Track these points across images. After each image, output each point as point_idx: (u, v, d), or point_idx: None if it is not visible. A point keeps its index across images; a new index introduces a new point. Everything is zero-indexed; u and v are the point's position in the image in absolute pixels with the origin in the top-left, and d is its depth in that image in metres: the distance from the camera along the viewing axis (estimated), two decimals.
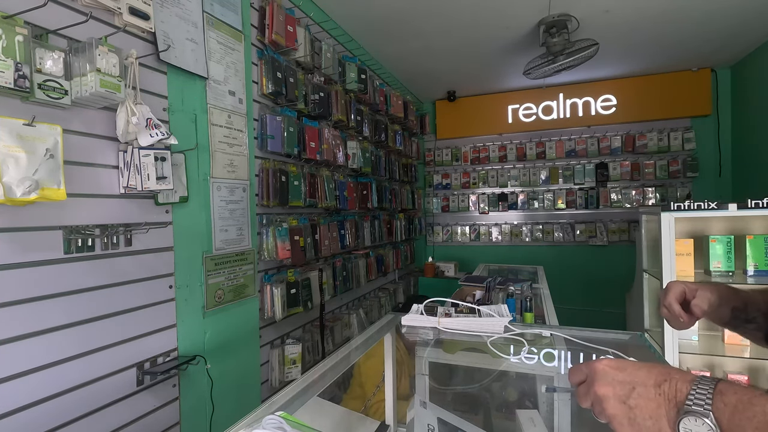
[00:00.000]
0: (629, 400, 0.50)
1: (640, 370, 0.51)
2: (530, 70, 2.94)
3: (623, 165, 4.03)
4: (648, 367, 0.52)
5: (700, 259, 2.06)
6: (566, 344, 0.98)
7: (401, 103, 3.62)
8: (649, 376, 0.50)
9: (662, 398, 0.49)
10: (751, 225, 2.04)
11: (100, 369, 1.24)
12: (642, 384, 0.50)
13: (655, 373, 0.50)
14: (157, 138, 1.26)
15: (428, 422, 0.89)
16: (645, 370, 0.51)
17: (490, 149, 4.47)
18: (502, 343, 1.00)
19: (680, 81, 3.86)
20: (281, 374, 2.04)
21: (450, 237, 4.65)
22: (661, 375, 0.50)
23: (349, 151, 2.66)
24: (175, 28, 1.49)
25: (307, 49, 2.22)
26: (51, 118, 1.09)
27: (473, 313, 1.11)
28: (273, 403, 0.64)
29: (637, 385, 0.50)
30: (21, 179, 0.95)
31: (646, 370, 0.51)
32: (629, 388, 0.50)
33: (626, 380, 0.51)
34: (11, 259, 1.03)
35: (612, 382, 0.51)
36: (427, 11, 2.60)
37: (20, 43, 0.96)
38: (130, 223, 1.32)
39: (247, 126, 1.86)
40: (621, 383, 0.51)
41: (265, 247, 1.96)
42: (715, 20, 2.80)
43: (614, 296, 3.89)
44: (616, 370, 0.52)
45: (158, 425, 1.42)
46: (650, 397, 0.49)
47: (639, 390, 0.50)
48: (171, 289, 1.48)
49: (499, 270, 3.19)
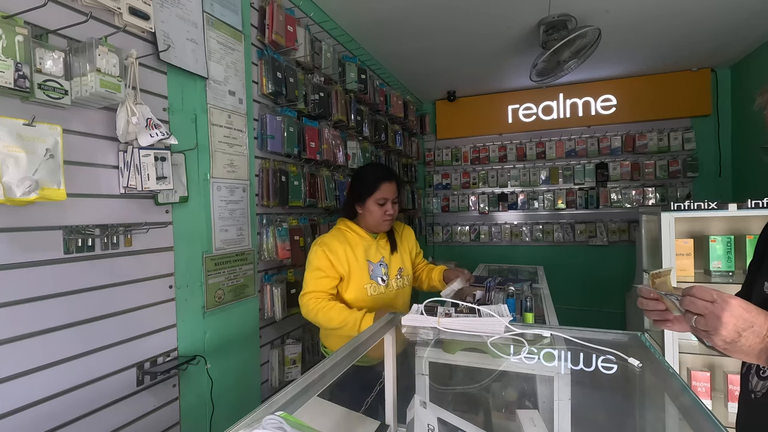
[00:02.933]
0: (744, 332, 0.68)
1: (759, 316, 0.69)
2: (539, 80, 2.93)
3: (623, 165, 4.03)
4: (765, 315, 0.70)
5: (700, 259, 2.06)
6: (566, 344, 0.98)
7: (401, 103, 3.62)
8: (765, 322, 0.69)
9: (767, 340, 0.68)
10: (751, 225, 2.04)
11: (100, 369, 1.24)
12: (759, 325, 0.68)
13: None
14: (157, 138, 1.26)
15: (428, 422, 0.89)
16: (764, 317, 0.69)
17: (490, 149, 4.47)
18: (502, 343, 1.00)
19: (680, 81, 3.85)
20: (281, 374, 2.04)
21: (450, 237, 4.65)
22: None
23: (349, 151, 2.66)
24: (175, 28, 1.49)
25: (307, 49, 2.22)
26: (51, 118, 1.09)
27: (473, 313, 1.11)
28: (273, 403, 0.64)
29: (755, 325, 0.68)
30: (21, 179, 0.95)
31: (764, 317, 0.69)
32: (749, 324, 0.68)
33: (749, 319, 0.69)
34: (11, 259, 1.03)
35: (737, 315, 0.68)
36: (427, 11, 2.60)
37: (20, 43, 0.96)
38: (130, 223, 1.32)
39: (247, 126, 1.86)
40: (744, 319, 0.69)
41: (265, 247, 1.96)
42: (715, 20, 2.80)
43: (614, 296, 3.90)
44: (744, 310, 0.69)
45: (158, 425, 1.42)
46: (760, 336, 0.68)
47: (755, 329, 0.68)
48: (171, 289, 1.48)
49: (499, 270, 3.19)
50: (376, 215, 1.62)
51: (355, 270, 1.58)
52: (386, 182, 1.63)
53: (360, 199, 1.64)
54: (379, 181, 1.62)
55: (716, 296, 0.71)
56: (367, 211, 1.63)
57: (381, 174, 1.65)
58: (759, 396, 0.83)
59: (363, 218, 1.66)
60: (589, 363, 0.91)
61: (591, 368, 0.90)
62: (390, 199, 1.63)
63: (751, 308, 0.69)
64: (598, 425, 0.93)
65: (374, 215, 1.62)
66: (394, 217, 1.67)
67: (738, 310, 0.68)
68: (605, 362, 0.89)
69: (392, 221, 1.68)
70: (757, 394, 0.83)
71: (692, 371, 1.98)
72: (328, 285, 1.56)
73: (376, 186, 1.61)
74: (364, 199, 1.62)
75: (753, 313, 0.69)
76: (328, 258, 1.56)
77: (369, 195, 1.61)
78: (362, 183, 1.65)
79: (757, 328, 0.68)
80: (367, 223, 1.65)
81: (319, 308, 1.50)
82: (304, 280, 1.59)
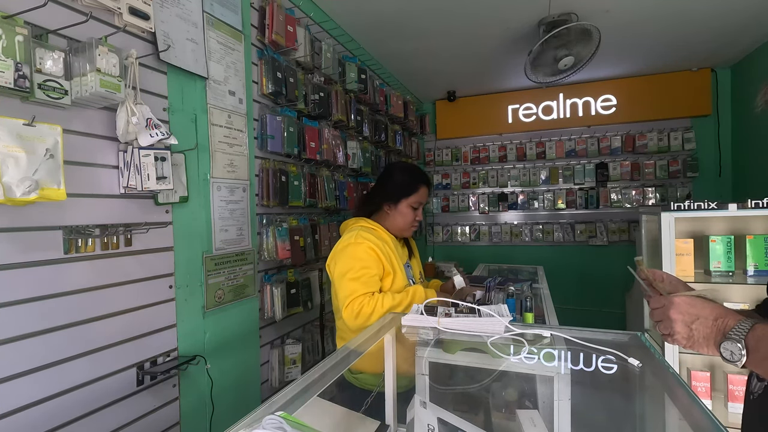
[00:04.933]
0: (692, 325, 0.72)
1: (705, 308, 0.72)
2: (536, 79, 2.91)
3: (623, 165, 4.03)
4: (711, 306, 0.72)
5: (700, 259, 2.06)
6: (566, 344, 0.98)
7: (401, 103, 3.62)
8: (711, 313, 0.71)
9: (715, 328, 0.70)
10: (751, 225, 2.04)
11: (100, 369, 1.24)
12: (704, 317, 0.71)
13: (715, 312, 0.71)
14: (157, 138, 1.26)
15: (428, 422, 0.89)
16: (709, 308, 0.72)
17: (490, 149, 4.47)
18: (502, 343, 1.00)
19: (680, 81, 3.85)
20: (281, 374, 2.04)
21: (450, 237, 4.65)
22: (719, 313, 0.71)
23: (349, 151, 2.66)
24: (175, 28, 1.49)
25: (307, 49, 2.22)
26: (51, 118, 1.09)
27: (473, 313, 1.11)
28: (273, 403, 0.64)
29: (700, 317, 0.71)
30: (21, 179, 0.95)
31: (710, 308, 0.72)
32: (694, 317, 0.72)
33: (693, 312, 0.72)
34: (11, 259, 1.03)
35: (683, 311, 0.73)
36: (427, 11, 2.60)
37: (20, 43, 0.96)
38: (130, 223, 1.32)
39: (247, 126, 1.86)
40: (689, 313, 0.72)
41: (265, 247, 1.96)
42: (715, 20, 2.80)
43: (614, 296, 3.90)
44: (688, 305, 0.73)
45: (158, 425, 1.42)
46: (707, 326, 0.70)
47: (701, 320, 0.71)
48: (171, 289, 1.48)
49: (499, 270, 3.19)
50: (408, 219, 1.54)
51: (397, 268, 1.48)
52: (424, 186, 1.55)
53: (393, 198, 1.54)
54: (418, 183, 1.54)
55: (665, 300, 0.77)
56: (398, 213, 1.54)
57: (420, 176, 1.57)
58: (755, 396, 0.85)
59: (388, 219, 1.56)
60: (589, 363, 0.91)
61: (591, 368, 0.90)
62: (423, 203, 1.56)
63: (696, 302, 0.73)
64: (598, 425, 0.93)
65: (406, 218, 1.54)
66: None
67: (683, 306, 0.73)
68: (605, 362, 0.89)
69: (417, 227, 1.60)
70: (755, 394, 0.85)
71: (692, 371, 1.98)
72: (377, 285, 1.39)
73: (414, 188, 1.53)
74: (397, 200, 1.53)
75: (698, 307, 0.73)
76: (376, 253, 1.41)
77: (405, 196, 1.53)
78: (398, 183, 1.55)
79: (702, 318, 0.71)
80: (394, 225, 1.55)
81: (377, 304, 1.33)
82: (347, 285, 1.36)
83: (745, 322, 0.66)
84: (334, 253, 1.47)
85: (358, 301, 1.33)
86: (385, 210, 1.57)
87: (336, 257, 1.45)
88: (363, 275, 1.37)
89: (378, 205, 1.58)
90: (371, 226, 1.53)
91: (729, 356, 0.66)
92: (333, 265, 1.45)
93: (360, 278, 1.36)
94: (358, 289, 1.35)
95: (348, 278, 1.37)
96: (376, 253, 1.41)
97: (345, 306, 1.35)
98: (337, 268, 1.42)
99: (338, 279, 1.40)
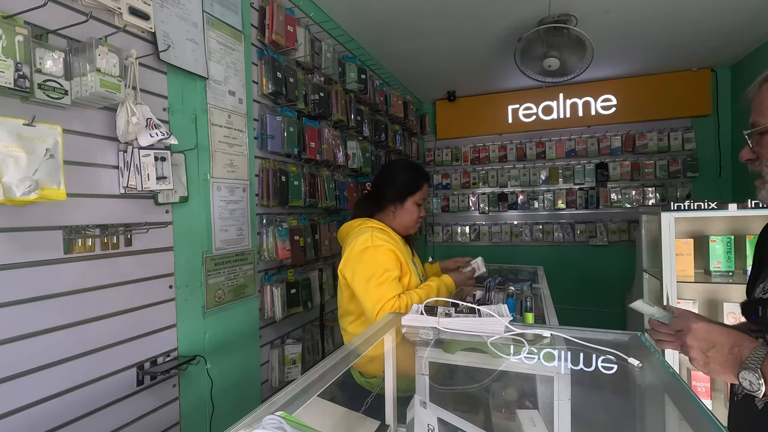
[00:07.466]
0: (708, 353, 0.73)
1: (721, 336, 0.73)
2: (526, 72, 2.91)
3: (623, 165, 4.03)
4: (728, 334, 0.73)
5: (700, 259, 2.06)
6: (566, 344, 0.97)
7: (401, 103, 3.62)
8: (726, 341, 0.72)
9: (732, 357, 0.70)
10: (751, 225, 2.04)
11: (100, 369, 1.24)
12: (721, 345, 0.72)
13: (731, 340, 0.72)
14: (157, 138, 1.26)
15: (428, 422, 0.89)
16: (725, 336, 0.72)
17: (490, 149, 4.47)
18: (502, 343, 1.00)
19: (680, 81, 3.85)
20: (281, 374, 2.04)
21: (450, 237, 4.65)
22: (735, 342, 0.71)
23: (349, 151, 2.66)
24: (175, 28, 1.49)
25: (307, 49, 2.22)
26: (51, 118, 1.09)
27: (473, 313, 1.11)
28: (273, 403, 0.64)
29: (717, 345, 0.72)
30: (21, 179, 0.95)
31: (726, 336, 0.72)
32: (710, 345, 0.73)
33: (709, 339, 0.73)
34: (11, 259, 1.03)
35: (699, 339, 0.74)
36: (427, 11, 2.60)
37: (20, 43, 0.96)
38: (130, 223, 1.32)
39: (247, 126, 1.86)
40: (705, 340, 0.73)
41: (265, 247, 1.96)
42: (715, 20, 2.80)
43: (614, 296, 3.89)
44: (705, 332, 0.74)
45: (158, 425, 1.42)
46: (723, 354, 0.71)
47: (717, 348, 0.72)
48: (171, 289, 1.48)
49: (499, 270, 3.19)
50: (414, 216, 1.56)
51: (411, 268, 1.51)
52: (426, 183, 1.58)
53: (399, 198, 1.55)
54: (422, 181, 1.56)
55: (683, 325, 0.77)
56: (404, 212, 1.55)
57: (423, 174, 1.59)
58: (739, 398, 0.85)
59: (393, 218, 1.56)
60: (589, 363, 0.91)
61: (591, 368, 0.90)
62: (426, 199, 1.59)
63: (713, 329, 0.74)
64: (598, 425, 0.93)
65: (412, 216, 1.56)
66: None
67: (700, 333, 0.74)
68: (605, 362, 0.89)
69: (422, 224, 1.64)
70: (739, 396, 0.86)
71: (692, 371, 1.98)
72: (400, 287, 1.37)
73: (419, 186, 1.55)
74: (403, 199, 1.54)
75: (714, 334, 0.73)
76: (395, 254, 1.41)
77: (410, 194, 1.55)
78: (403, 182, 1.56)
79: (719, 347, 0.72)
80: (400, 224, 1.56)
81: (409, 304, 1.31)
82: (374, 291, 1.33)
83: (760, 350, 0.67)
84: (351, 257, 1.43)
85: (389, 305, 1.32)
86: (389, 209, 1.57)
87: (354, 261, 1.41)
88: (387, 279, 1.36)
89: (382, 205, 1.58)
90: (380, 226, 1.52)
91: (748, 386, 0.67)
92: (351, 269, 1.42)
93: (385, 282, 1.35)
94: (387, 294, 1.33)
95: (374, 284, 1.35)
96: (395, 254, 1.41)
97: (376, 313, 1.32)
98: (358, 273, 1.39)
99: (361, 285, 1.38)
